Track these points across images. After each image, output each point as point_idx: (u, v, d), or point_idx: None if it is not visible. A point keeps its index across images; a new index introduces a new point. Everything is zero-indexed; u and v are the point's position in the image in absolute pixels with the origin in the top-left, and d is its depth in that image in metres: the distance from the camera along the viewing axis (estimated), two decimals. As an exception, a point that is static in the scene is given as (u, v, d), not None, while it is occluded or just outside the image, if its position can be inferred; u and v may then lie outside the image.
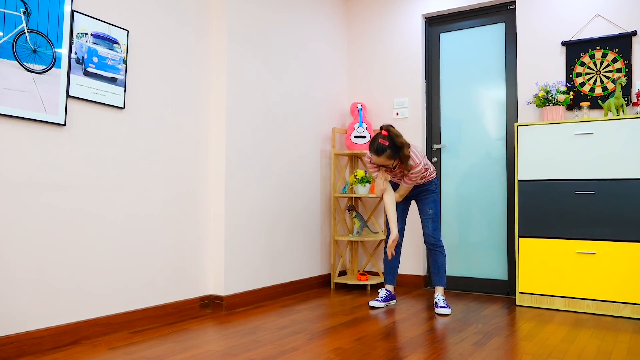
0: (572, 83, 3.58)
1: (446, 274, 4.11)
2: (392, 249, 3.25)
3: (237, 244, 3.34)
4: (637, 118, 3.11)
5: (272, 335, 2.65)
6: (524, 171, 3.43)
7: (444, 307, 3.18)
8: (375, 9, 4.48)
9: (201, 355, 2.28)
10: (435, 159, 4.18)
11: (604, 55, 3.49)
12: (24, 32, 2.31)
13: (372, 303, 3.37)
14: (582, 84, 3.55)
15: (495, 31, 4.01)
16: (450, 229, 4.11)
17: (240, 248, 3.36)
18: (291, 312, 3.21)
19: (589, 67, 3.54)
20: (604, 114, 3.39)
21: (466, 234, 4.02)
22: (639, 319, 3.05)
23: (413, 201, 3.83)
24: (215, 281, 3.27)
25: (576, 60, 3.58)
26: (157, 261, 2.94)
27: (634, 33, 3.38)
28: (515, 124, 3.48)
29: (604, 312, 3.17)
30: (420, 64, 4.23)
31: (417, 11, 4.25)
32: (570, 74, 3.59)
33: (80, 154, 2.56)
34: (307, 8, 4.09)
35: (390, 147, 3.01)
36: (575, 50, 3.58)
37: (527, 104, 3.71)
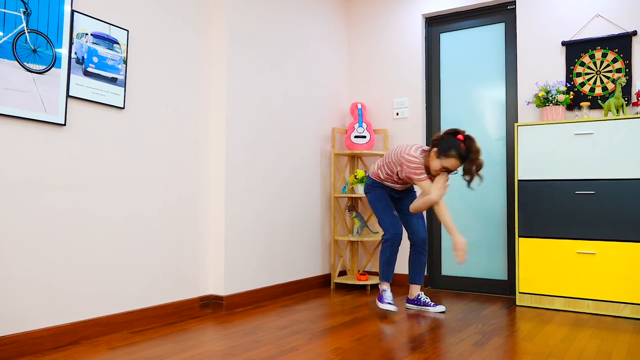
0: (572, 83, 3.58)
1: (445, 273, 4.12)
2: (465, 257, 2.95)
3: (237, 243, 3.34)
4: (637, 118, 3.11)
5: (272, 335, 2.65)
6: (524, 171, 3.43)
7: (437, 304, 3.24)
8: (375, 9, 4.48)
9: (201, 355, 2.29)
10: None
11: (604, 55, 3.49)
12: (24, 32, 2.31)
13: (388, 307, 3.09)
14: (582, 84, 3.55)
15: (495, 31, 4.01)
16: (450, 229, 4.11)
17: (240, 248, 3.36)
18: (291, 312, 3.21)
19: (589, 67, 3.54)
20: (604, 114, 3.39)
21: (466, 234, 4.01)
22: (639, 319, 3.05)
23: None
24: (215, 281, 3.27)
25: (576, 60, 3.58)
26: (157, 261, 2.94)
27: (634, 33, 3.38)
28: (515, 124, 3.48)
29: (604, 312, 3.17)
30: (420, 64, 4.23)
31: (417, 11, 4.25)
32: (570, 74, 3.59)
33: (80, 154, 2.56)
34: (307, 8, 4.09)
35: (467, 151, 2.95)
36: (575, 50, 3.58)
37: (527, 104, 3.71)
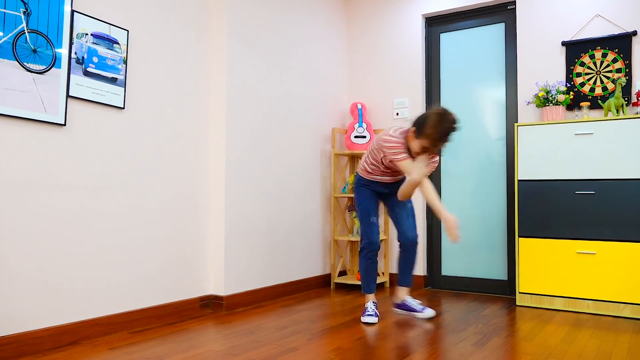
0: (572, 83, 3.58)
1: (445, 273, 4.12)
2: (457, 233, 2.69)
3: (237, 243, 3.34)
4: (637, 118, 3.11)
5: (272, 335, 2.65)
6: (524, 171, 3.43)
7: (425, 308, 3.04)
8: (375, 9, 4.47)
9: (201, 355, 2.28)
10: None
11: (604, 55, 3.49)
12: (24, 32, 2.30)
13: (367, 319, 2.93)
14: (582, 84, 3.55)
15: (495, 31, 4.01)
16: (450, 229, 4.10)
17: (240, 248, 3.36)
18: (291, 312, 3.21)
19: (589, 67, 3.54)
20: (604, 114, 3.39)
21: (466, 234, 4.01)
22: (639, 319, 3.05)
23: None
24: (216, 281, 3.27)
25: (576, 60, 3.58)
26: (157, 261, 2.94)
27: (634, 33, 3.38)
28: (515, 124, 3.48)
29: (604, 312, 3.17)
30: (420, 64, 4.23)
31: (417, 11, 4.25)
32: (570, 74, 3.59)
33: (80, 154, 2.56)
34: (307, 8, 4.09)
35: None
36: (575, 50, 3.58)
37: (527, 104, 3.71)
